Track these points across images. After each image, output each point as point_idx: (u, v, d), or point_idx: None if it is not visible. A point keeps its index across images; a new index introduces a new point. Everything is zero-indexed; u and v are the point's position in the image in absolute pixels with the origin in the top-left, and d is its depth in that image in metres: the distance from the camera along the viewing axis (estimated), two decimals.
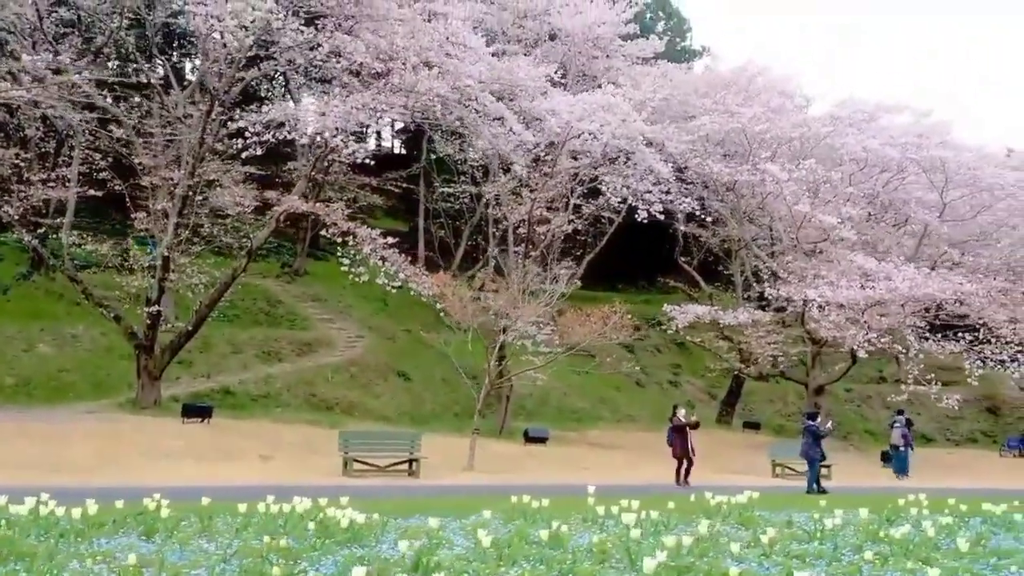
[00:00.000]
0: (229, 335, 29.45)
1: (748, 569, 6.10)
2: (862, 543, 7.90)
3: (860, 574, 6.42)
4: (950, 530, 8.80)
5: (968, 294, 22.05)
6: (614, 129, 23.20)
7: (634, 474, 21.25)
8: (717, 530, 8.12)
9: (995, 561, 7.10)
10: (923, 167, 25.12)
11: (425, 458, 17.95)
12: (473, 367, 24.86)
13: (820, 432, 19.76)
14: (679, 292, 37.31)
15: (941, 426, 42.45)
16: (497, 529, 8.10)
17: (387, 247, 20.35)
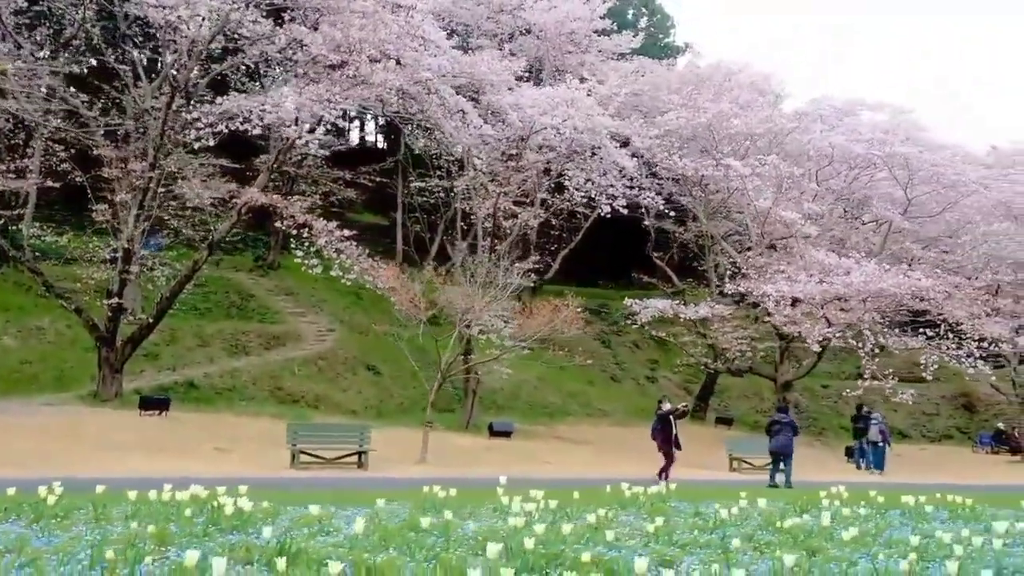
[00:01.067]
0: (197, 328, 29.40)
1: (599, 553, 6.10)
2: (753, 532, 7.90)
3: (727, 561, 6.41)
4: (851, 521, 8.81)
5: (924, 289, 22.07)
6: (577, 123, 23.16)
7: (594, 468, 21.27)
8: (610, 519, 8.11)
9: (876, 550, 7.10)
10: (888, 163, 25.12)
11: (374, 451, 17.92)
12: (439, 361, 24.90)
13: (796, 426, 19.78)
14: (656, 288, 37.39)
15: (917, 423, 42.60)
16: (392, 517, 8.08)
17: (344, 240, 20.30)
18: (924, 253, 25.81)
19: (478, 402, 32.05)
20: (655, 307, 24.93)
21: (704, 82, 32.67)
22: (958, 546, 6.90)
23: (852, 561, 6.70)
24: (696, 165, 25.20)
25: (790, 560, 5.87)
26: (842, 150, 25.59)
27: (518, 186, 26.17)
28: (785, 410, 19.57)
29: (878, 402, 44.34)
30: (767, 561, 6.43)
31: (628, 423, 32.78)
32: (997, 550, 6.98)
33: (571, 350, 40.68)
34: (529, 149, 25.04)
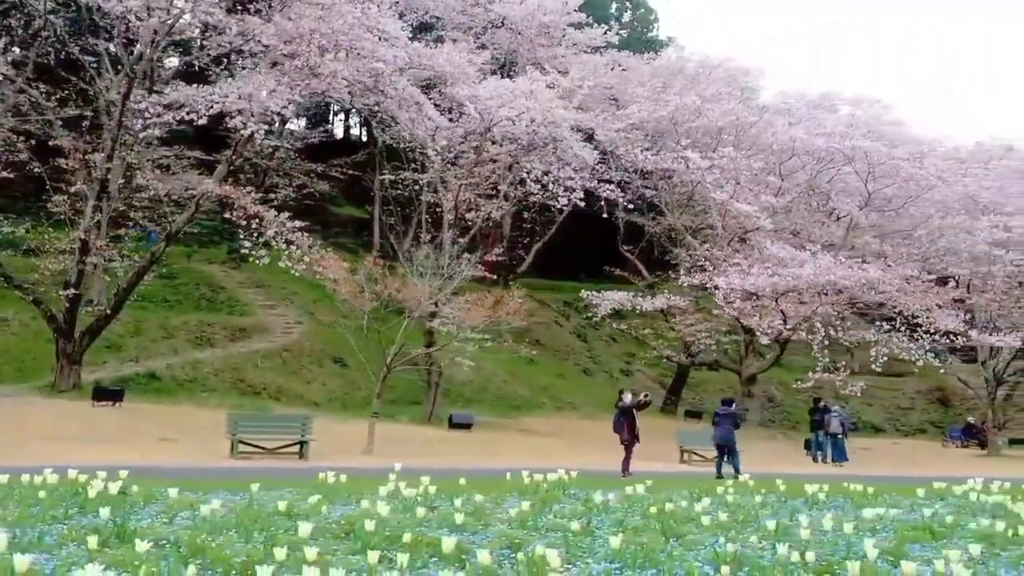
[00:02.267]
0: (162, 320, 29.44)
1: (434, 535, 6.15)
2: (623, 518, 7.94)
3: (571, 542, 6.45)
4: (732, 507, 8.85)
5: (873, 281, 22.09)
6: (535, 116, 23.16)
7: (545, 459, 21.26)
8: (482, 505, 8.15)
9: (731, 533, 7.14)
10: (848, 157, 25.12)
11: (314, 441, 17.96)
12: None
13: (740, 418, 19.80)
14: (629, 281, 37.40)
15: (891, 416, 42.71)
16: (269, 502, 8.12)
17: (295, 231, 20.32)
18: (882, 247, 25.81)
19: (446, 395, 32.20)
20: (612, 299, 24.93)
21: (675, 75, 32.70)
22: (806, 531, 6.93)
23: (702, 543, 6.75)
24: (657, 158, 25.19)
25: (615, 542, 5.91)
26: (804, 144, 25.59)
27: (481, 179, 26.20)
28: (729, 403, 19.56)
29: (854, 395, 44.60)
30: (605, 544, 6.47)
31: (597, 416, 32.79)
32: (845, 533, 7.02)
33: (545, 344, 41.00)
34: (490, 141, 25.03)
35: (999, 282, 28.72)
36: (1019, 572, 6.13)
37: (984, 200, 29.84)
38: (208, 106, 19.25)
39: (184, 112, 19.47)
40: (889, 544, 6.84)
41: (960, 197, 30.57)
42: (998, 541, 7.23)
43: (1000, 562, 6.34)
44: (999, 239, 26.48)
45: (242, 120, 19.28)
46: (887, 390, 43.58)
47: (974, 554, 6.20)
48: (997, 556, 6.57)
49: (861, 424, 41.72)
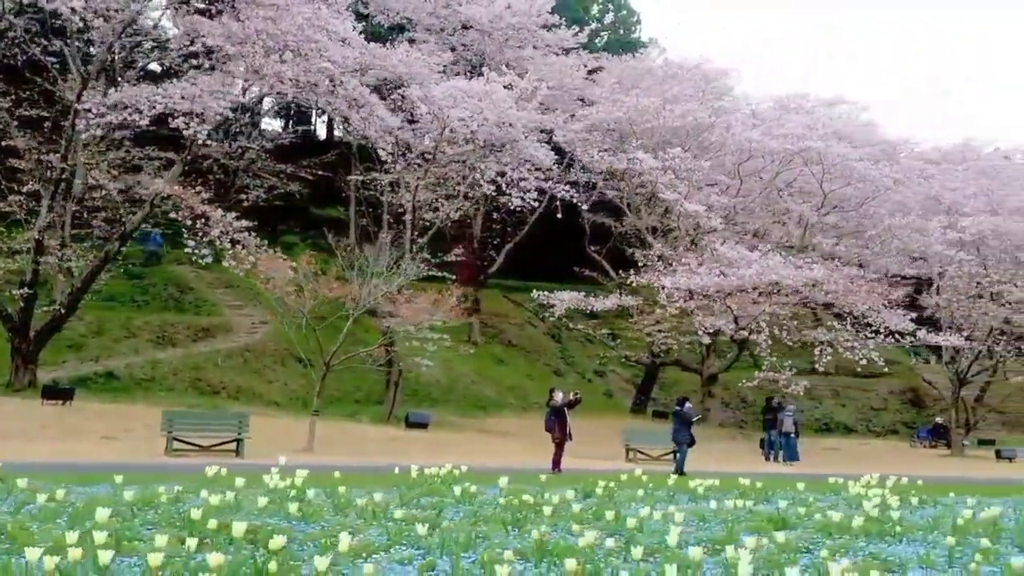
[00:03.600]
0: (125, 320, 29.56)
1: (266, 524, 6.29)
2: (478, 508, 8.05)
3: (391, 530, 6.57)
4: (600, 500, 8.97)
5: (817, 281, 22.20)
6: (487, 116, 23.29)
7: (490, 458, 21.39)
8: (345, 498, 8.27)
9: (567, 524, 7.25)
10: (804, 158, 25.23)
11: (249, 438, 18.09)
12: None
13: (689, 417, 19.92)
14: (598, 282, 37.52)
15: (863, 417, 42.77)
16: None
17: (242, 231, 20.44)
18: (834, 248, 25.90)
19: (412, 395, 32.35)
20: (564, 299, 25.06)
21: (643, 76, 32.86)
22: (633, 520, 7.05)
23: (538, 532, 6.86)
24: (613, 159, 25.31)
25: (422, 529, 6.03)
26: (761, 145, 25.69)
27: (440, 179, 26.33)
28: (681, 403, 19.72)
29: (826, 396, 44.70)
30: (439, 532, 6.59)
31: None
32: (678, 523, 7.14)
33: (518, 344, 41.10)
34: (447, 142, 25.16)
35: (962, 283, 28.84)
36: (812, 553, 6.26)
37: (947, 201, 29.94)
38: (151, 107, 19.37)
39: (127, 113, 19.59)
40: (718, 533, 6.95)
41: (923, 198, 30.69)
42: (832, 531, 7.35)
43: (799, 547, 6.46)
44: (952, 239, 26.58)
45: (185, 121, 19.40)
46: (860, 391, 43.70)
47: (778, 540, 6.32)
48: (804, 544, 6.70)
49: (833, 424, 41.88)
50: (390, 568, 5.47)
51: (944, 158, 40.26)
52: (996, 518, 8.20)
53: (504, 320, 40.17)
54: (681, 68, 35.18)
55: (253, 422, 23.84)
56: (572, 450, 24.18)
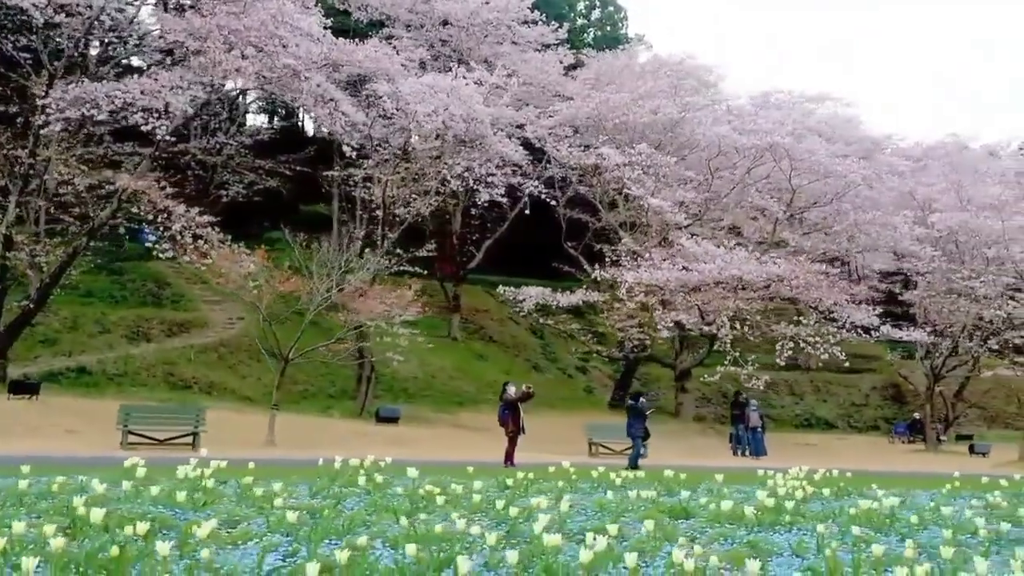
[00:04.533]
0: (100, 315, 29.66)
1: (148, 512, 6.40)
2: (379, 499, 8.15)
3: (264, 515, 6.67)
4: (506, 490, 9.06)
5: (775, 276, 22.28)
6: (453, 112, 23.36)
7: (453, 452, 21.49)
8: (247, 487, 8.37)
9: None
10: (772, 154, 25.30)
11: (205, 432, 18.20)
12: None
13: (642, 410, 19.96)
14: (575, 278, 37.61)
15: (845, 413, 42.84)
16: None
17: (205, 225, 20.52)
18: (800, 242, 25.96)
19: (389, 390, 32.48)
20: (530, 295, 25.14)
21: (620, 72, 32.92)
22: (501, 502, 7.15)
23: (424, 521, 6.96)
24: (582, 154, 25.39)
25: (292, 516, 6.13)
26: (731, 141, 25.76)
27: (409, 175, 26.39)
28: (635, 397, 19.78)
29: (809, 392, 44.78)
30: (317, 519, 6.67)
31: (539, 412, 33.01)
32: (563, 512, 7.24)
33: (498, 340, 41.16)
34: (416, 138, 25.24)
35: (933, 279, 28.92)
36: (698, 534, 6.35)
37: (920, 197, 30.01)
38: (109, 102, 19.45)
39: (85, 108, 19.66)
40: (599, 523, 7.05)
41: (898, 195, 30.77)
42: (721, 518, 7.45)
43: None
44: (920, 235, 26.64)
45: (143, 116, 19.48)
46: (843, 387, 43.81)
47: (648, 528, 6.42)
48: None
49: (814, 420, 41.96)
50: (244, 552, 5.56)
51: (926, 154, 40.37)
52: (895, 507, 8.28)
53: (485, 316, 40.24)
54: (664, 64, 35.22)
55: (221, 416, 24.07)
56: (538, 444, 24.35)
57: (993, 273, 25.93)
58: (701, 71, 35.27)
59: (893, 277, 33.33)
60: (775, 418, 42.06)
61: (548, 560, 5.43)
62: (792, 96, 42.59)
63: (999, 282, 25.95)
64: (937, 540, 6.79)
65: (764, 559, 6.30)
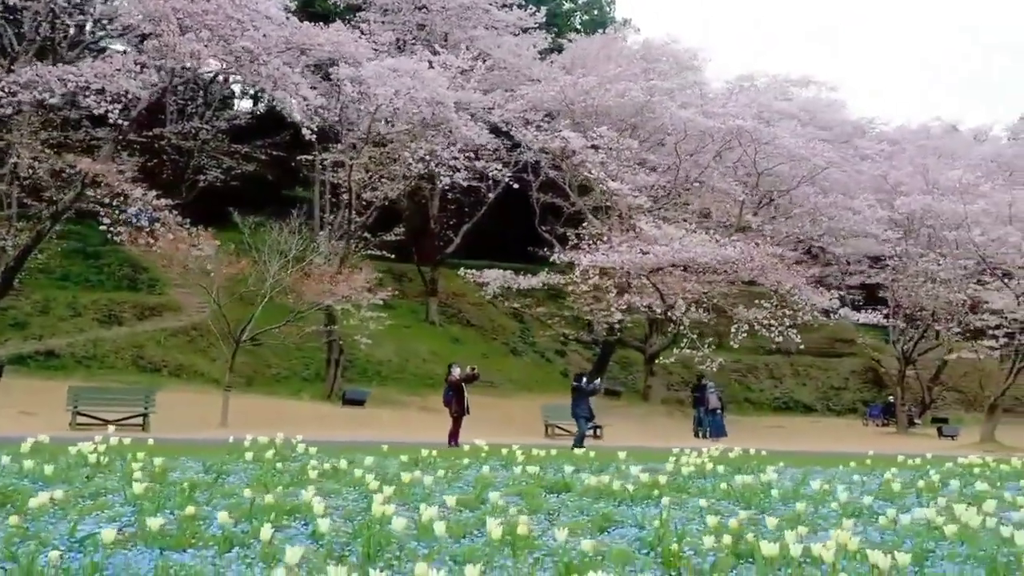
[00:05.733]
0: (72, 299, 29.83)
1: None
2: (262, 475, 8.30)
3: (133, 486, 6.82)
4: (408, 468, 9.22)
5: (730, 259, 22.34)
6: (415, 95, 23.41)
7: (409, 433, 21.69)
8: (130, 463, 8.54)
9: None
10: (736, 137, 25.30)
11: (154, 413, 18.39)
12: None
13: (587, 390, 20.13)
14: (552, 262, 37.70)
15: (823, 396, 42.99)
16: None
17: (163, 209, 20.63)
18: (762, 225, 26.00)
19: (363, 373, 32.71)
20: (492, 277, 25.26)
21: (598, 54, 32.92)
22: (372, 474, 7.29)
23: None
24: (546, 137, 25.44)
25: (139, 488, 6.27)
26: (695, 124, 25.76)
27: (375, 159, 26.47)
28: (580, 377, 19.99)
29: (788, 375, 44.91)
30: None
31: (511, 395, 33.28)
32: (426, 485, 7.39)
33: (476, 324, 41.26)
34: (381, 122, 25.30)
35: (899, 263, 28.97)
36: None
37: (892, 181, 30.03)
38: (62, 85, 19.53)
39: (37, 91, 19.75)
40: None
41: (870, 179, 30.80)
42: (597, 493, 7.61)
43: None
44: (880, 217, 26.67)
45: (96, 100, 19.56)
46: (822, 370, 43.99)
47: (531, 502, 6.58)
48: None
49: (792, 403, 42.14)
50: (71, 521, 5.72)
51: (905, 138, 40.35)
52: (771, 483, 8.42)
53: (463, 300, 40.35)
54: (650, 48, 35.25)
55: (184, 398, 24.32)
56: (504, 426, 24.58)
57: (953, 256, 25.98)
58: (684, 54, 35.26)
59: (862, 261, 33.39)
60: (754, 401, 42.30)
61: (373, 529, 5.57)
62: (776, 79, 42.58)
63: (957, 265, 25.99)
64: (788, 511, 6.93)
65: (605, 528, 6.45)
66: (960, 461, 11.80)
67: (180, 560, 5.02)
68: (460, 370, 18.47)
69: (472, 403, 29.94)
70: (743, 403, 40.98)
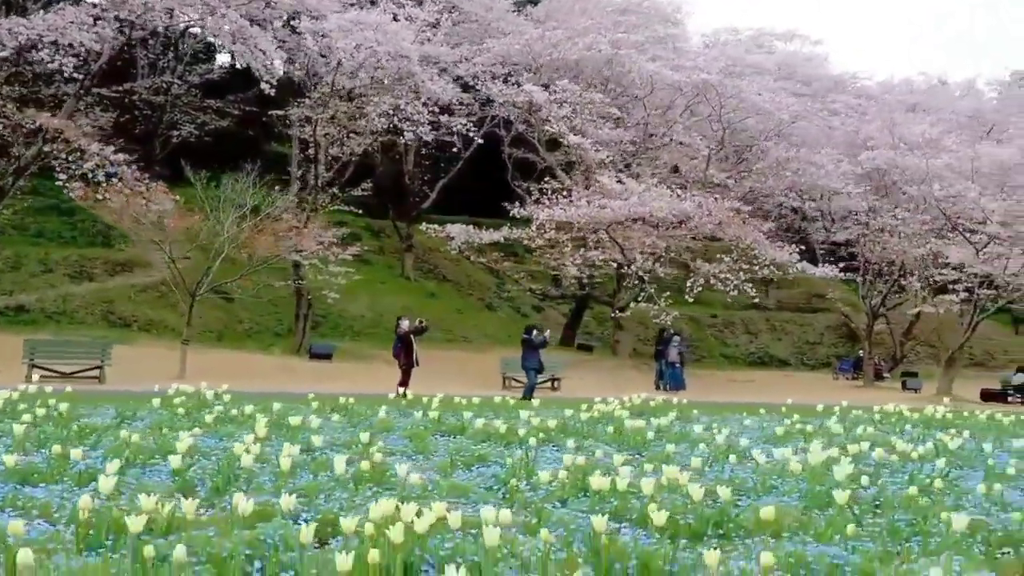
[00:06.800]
0: (44, 255, 29.95)
1: None
2: (168, 420, 8.55)
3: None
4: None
5: (686, 213, 22.47)
6: (378, 49, 23.32)
7: (367, 386, 21.88)
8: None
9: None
10: (702, 91, 25.25)
11: (110, 366, 18.64)
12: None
13: (536, 343, 20.37)
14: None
15: (799, 351, 43.36)
16: None
17: (122, 163, 20.68)
18: (729, 180, 26.04)
19: (335, 328, 32.98)
20: (454, 231, 25.41)
21: (570, 9, 32.67)
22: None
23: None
24: (510, 91, 25.39)
25: (19, 429, 6.50)
26: (661, 78, 25.70)
27: (338, 114, 26.41)
28: (529, 330, 20.22)
29: (764, 331, 45.27)
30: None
31: (482, 348, 33.56)
32: (314, 427, 7.64)
33: (452, 279, 41.46)
34: (343, 76, 25.23)
35: (871, 216, 29.10)
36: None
37: (863, 136, 30.02)
38: (13, 38, 19.44)
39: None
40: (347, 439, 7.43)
41: (843, 134, 30.81)
42: (491, 437, 7.88)
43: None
44: (846, 172, 26.74)
45: (49, 53, 19.50)
46: (798, 325, 44.35)
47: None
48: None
49: (767, 358, 42.54)
50: None
51: (887, 92, 40.22)
52: (660, 427, 8.69)
53: (438, 255, 40.50)
54: (628, 1, 34.93)
55: (148, 352, 24.57)
56: (460, 379, 24.87)
57: (910, 211, 26.12)
58: (667, 7, 35.02)
59: (831, 216, 33.48)
60: (729, 356, 42.66)
61: (231, 467, 5.80)
62: (761, 33, 42.27)
63: (916, 219, 26.13)
64: (657, 452, 7.19)
65: (472, 466, 6.69)
66: (875, 409, 12.08)
67: (32, 494, 5.25)
68: (409, 323, 18.70)
69: (443, 357, 30.59)
70: (719, 357, 41.33)
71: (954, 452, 7.97)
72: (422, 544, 4.08)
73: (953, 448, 8.02)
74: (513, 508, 5.18)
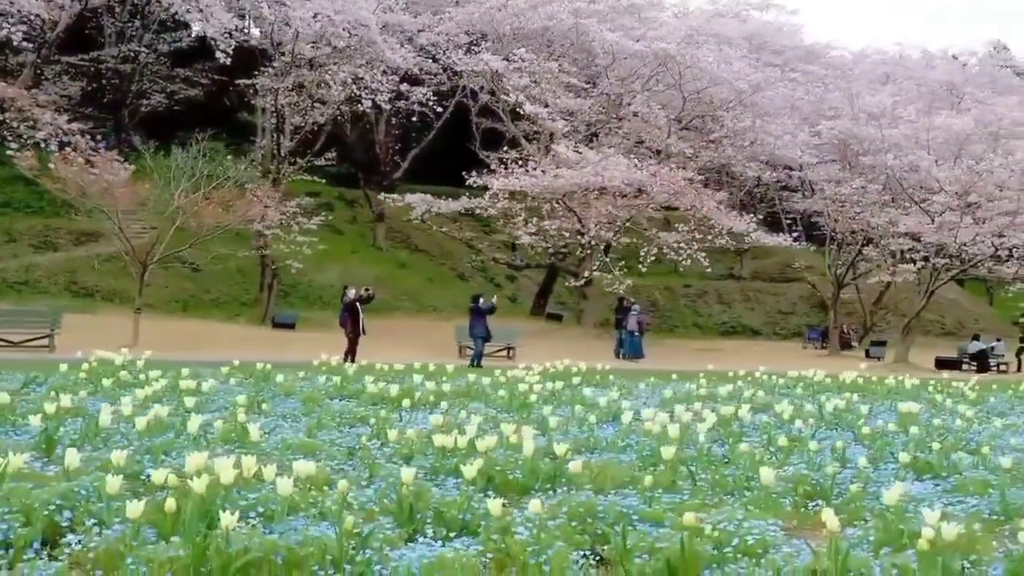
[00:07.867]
0: (8, 225, 29.94)
1: None
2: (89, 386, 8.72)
3: None
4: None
5: (639, 182, 22.60)
6: (334, 17, 23.26)
7: (326, 354, 22.21)
8: None
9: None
10: (661, 61, 25.26)
11: (59, 334, 18.79)
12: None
13: (483, 310, 20.59)
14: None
15: (771, 320, 43.67)
16: None
17: (76, 133, 20.68)
18: (689, 149, 26.11)
19: (305, 298, 33.14)
20: (414, 201, 25.51)
21: None
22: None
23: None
24: (470, 60, 25.38)
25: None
26: (622, 48, 25.69)
27: (300, 83, 26.38)
28: (476, 298, 20.48)
29: (737, 301, 45.56)
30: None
31: (450, 317, 33.75)
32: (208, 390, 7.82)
33: (425, 249, 41.58)
34: (302, 44, 25.16)
35: (831, 186, 29.26)
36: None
37: (826, 106, 30.12)
38: None
39: None
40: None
41: (809, 103, 30.89)
42: (381, 400, 8.08)
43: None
44: (806, 141, 26.85)
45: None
46: (771, 295, 44.62)
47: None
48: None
49: (739, 328, 42.88)
50: None
51: (858, 61, 40.28)
52: (553, 391, 8.93)
53: (410, 225, 40.57)
54: None
55: (110, 321, 24.67)
56: (418, 347, 25.06)
57: (870, 181, 26.29)
58: None
59: (791, 185, 33.66)
60: (701, 326, 42.96)
61: (92, 428, 5.98)
62: (737, 2, 42.06)
63: (873, 189, 26.30)
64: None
65: (344, 427, 6.90)
66: (804, 374, 12.34)
67: None
68: (355, 291, 18.84)
69: (408, 326, 30.82)
70: (691, 327, 41.64)
71: (833, 414, 8.20)
72: (227, 496, 4.28)
73: (830, 410, 8.25)
74: (356, 466, 5.39)
